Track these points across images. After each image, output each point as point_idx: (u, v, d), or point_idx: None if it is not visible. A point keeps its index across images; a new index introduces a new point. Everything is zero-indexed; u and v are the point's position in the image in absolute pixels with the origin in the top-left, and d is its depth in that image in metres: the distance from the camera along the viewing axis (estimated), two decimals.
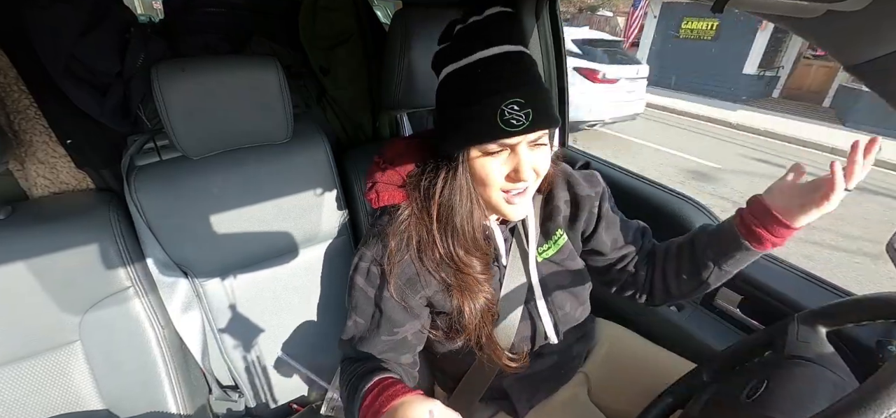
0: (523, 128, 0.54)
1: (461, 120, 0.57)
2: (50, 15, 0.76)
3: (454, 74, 0.59)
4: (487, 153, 0.58)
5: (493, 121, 0.54)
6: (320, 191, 0.97)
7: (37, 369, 0.76)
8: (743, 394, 0.53)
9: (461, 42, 0.59)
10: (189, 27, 1.06)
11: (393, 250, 0.65)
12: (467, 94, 0.57)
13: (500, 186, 0.61)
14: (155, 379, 0.85)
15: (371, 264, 0.67)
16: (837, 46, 0.49)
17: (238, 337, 0.96)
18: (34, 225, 0.74)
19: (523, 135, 0.55)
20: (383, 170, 0.70)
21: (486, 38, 0.56)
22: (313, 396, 1.13)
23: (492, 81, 0.55)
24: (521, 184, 0.60)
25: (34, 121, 0.82)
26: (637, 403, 0.74)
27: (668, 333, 0.99)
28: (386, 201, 0.68)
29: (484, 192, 0.62)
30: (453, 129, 0.59)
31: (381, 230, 0.67)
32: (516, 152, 0.58)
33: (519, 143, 0.57)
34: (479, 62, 0.56)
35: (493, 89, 0.55)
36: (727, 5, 0.51)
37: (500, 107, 0.54)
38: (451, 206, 0.63)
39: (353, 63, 1.16)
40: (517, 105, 0.54)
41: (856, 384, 0.54)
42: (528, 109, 0.54)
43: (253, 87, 0.81)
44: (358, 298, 0.69)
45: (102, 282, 0.78)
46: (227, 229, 0.89)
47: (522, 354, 0.75)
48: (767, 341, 0.64)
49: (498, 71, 0.56)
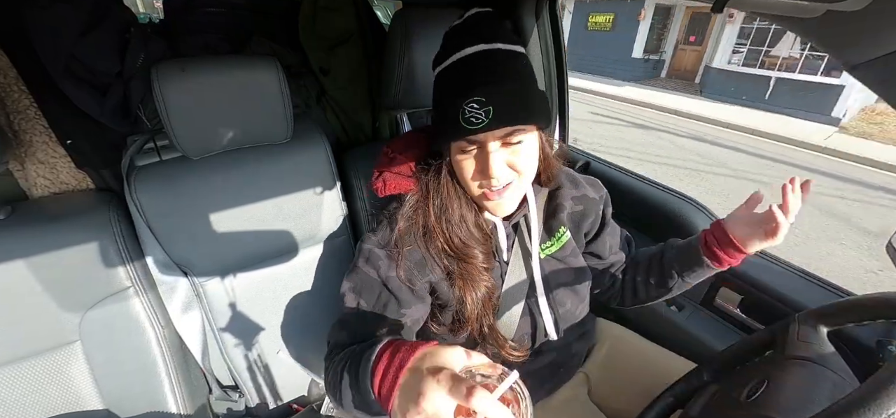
0: (483, 125, 0.55)
1: (438, 119, 0.62)
2: (50, 15, 0.76)
3: (438, 76, 0.63)
4: (462, 151, 0.61)
5: (457, 121, 0.56)
6: (320, 191, 0.97)
7: (37, 369, 0.76)
8: (743, 394, 0.53)
9: (446, 43, 0.62)
10: (189, 27, 1.06)
11: (402, 232, 0.67)
12: (441, 94, 0.61)
13: (477, 185, 0.63)
14: (155, 379, 0.85)
15: (376, 247, 0.68)
16: (837, 46, 0.49)
17: (238, 336, 0.96)
18: (34, 225, 0.74)
19: (484, 132, 0.56)
20: (392, 159, 0.72)
21: (465, 38, 0.59)
22: (313, 396, 1.13)
23: (458, 81, 0.58)
24: (492, 181, 0.61)
25: (34, 122, 0.82)
26: (637, 403, 0.74)
27: (668, 333, 0.99)
28: (392, 190, 0.70)
29: (467, 189, 0.66)
30: (434, 129, 0.64)
31: (390, 215, 0.69)
32: (485, 149, 0.59)
33: (486, 141, 0.58)
34: (456, 63, 0.59)
35: (456, 89, 0.57)
36: (727, 6, 0.51)
37: (462, 107, 0.56)
38: (443, 203, 0.66)
39: (353, 63, 1.16)
40: (476, 104, 0.55)
41: (856, 384, 0.54)
42: (488, 107, 0.55)
43: (253, 87, 0.81)
44: (363, 281, 0.67)
45: (102, 282, 0.78)
46: (227, 229, 0.89)
47: (524, 349, 0.75)
48: (768, 341, 0.64)
49: (467, 71, 0.58)
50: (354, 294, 0.67)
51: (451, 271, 0.69)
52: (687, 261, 0.74)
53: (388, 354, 0.48)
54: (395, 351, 0.47)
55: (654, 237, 1.12)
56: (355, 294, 0.67)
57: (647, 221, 1.13)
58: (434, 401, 0.38)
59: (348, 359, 0.56)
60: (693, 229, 1.03)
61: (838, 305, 0.60)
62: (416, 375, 0.42)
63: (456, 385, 0.38)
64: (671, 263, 0.77)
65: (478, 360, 0.43)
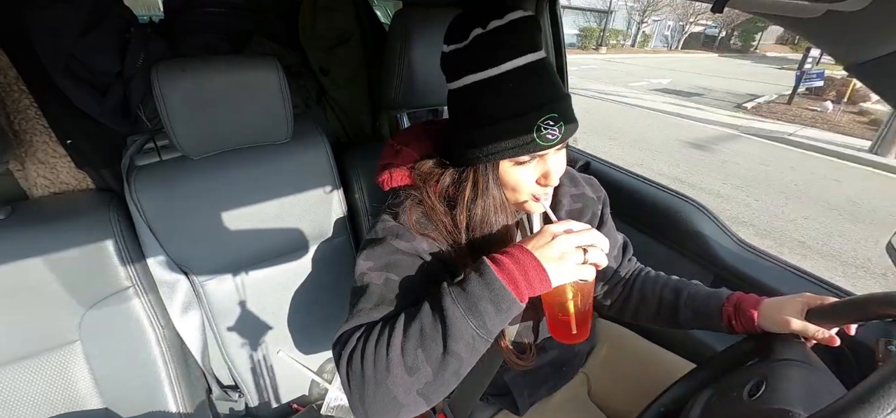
0: (557, 141, 0.55)
1: (493, 134, 0.56)
2: (50, 15, 0.76)
3: (481, 85, 0.56)
4: (519, 163, 0.59)
5: (530, 138, 0.55)
6: (320, 191, 0.97)
7: (37, 369, 0.76)
8: (743, 394, 0.53)
9: (486, 50, 0.56)
10: (189, 27, 1.06)
11: (415, 221, 0.63)
12: (501, 108, 0.56)
13: (531, 192, 0.62)
14: (155, 379, 0.85)
15: (397, 225, 0.64)
16: (837, 46, 0.49)
17: (238, 336, 0.96)
18: (34, 225, 0.74)
19: (556, 146, 0.57)
20: (398, 152, 0.70)
21: (512, 45, 0.55)
22: (314, 396, 1.13)
23: (527, 97, 0.55)
24: (549, 188, 0.62)
25: (34, 122, 0.82)
26: (637, 403, 0.74)
27: (668, 333, 0.99)
28: (397, 183, 0.68)
29: (513, 196, 0.64)
30: (483, 143, 0.57)
31: (397, 205, 0.66)
32: (546, 159, 0.59)
33: (549, 153, 0.59)
34: (511, 74, 0.55)
35: (529, 105, 0.54)
36: (727, 5, 0.51)
37: (537, 124, 0.54)
38: (485, 218, 0.63)
39: (353, 63, 1.16)
40: (552, 120, 0.54)
41: (839, 385, 0.54)
42: (561, 123, 0.55)
43: (253, 87, 0.81)
44: (389, 254, 0.61)
45: (102, 282, 0.78)
46: (227, 229, 0.89)
47: (528, 349, 0.75)
48: (768, 341, 0.64)
49: (532, 85, 0.55)
50: (380, 271, 0.58)
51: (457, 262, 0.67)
52: (703, 322, 0.74)
53: (508, 259, 0.50)
54: (509, 255, 0.51)
55: (654, 237, 1.12)
56: (381, 270, 0.58)
57: (647, 221, 1.13)
58: (559, 237, 0.51)
59: (414, 316, 0.50)
60: (693, 229, 1.03)
61: (838, 305, 0.60)
62: (535, 245, 0.51)
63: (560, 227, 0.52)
64: (685, 317, 0.76)
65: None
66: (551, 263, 0.50)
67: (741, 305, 0.69)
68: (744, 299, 0.70)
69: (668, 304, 0.78)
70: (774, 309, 0.65)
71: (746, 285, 0.92)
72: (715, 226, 1.03)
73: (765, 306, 0.66)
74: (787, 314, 0.63)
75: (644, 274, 0.85)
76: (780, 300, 0.66)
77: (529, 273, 0.49)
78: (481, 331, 0.48)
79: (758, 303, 0.68)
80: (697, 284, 0.79)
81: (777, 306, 0.65)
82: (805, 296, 0.64)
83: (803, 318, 0.62)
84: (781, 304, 0.65)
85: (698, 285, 0.78)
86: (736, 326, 0.69)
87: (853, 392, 0.37)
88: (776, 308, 0.65)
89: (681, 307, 0.76)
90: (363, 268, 0.60)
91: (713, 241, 1.00)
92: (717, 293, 0.74)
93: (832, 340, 0.61)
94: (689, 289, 0.77)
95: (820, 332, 0.61)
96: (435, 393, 0.49)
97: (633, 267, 0.87)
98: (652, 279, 0.83)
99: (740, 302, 0.69)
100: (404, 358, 0.47)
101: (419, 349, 0.48)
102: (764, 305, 0.67)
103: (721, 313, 0.71)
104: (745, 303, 0.69)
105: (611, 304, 0.88)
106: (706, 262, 1.01)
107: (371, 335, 0.50)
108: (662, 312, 0.79)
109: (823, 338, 0.61)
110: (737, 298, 0.70)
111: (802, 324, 0.61)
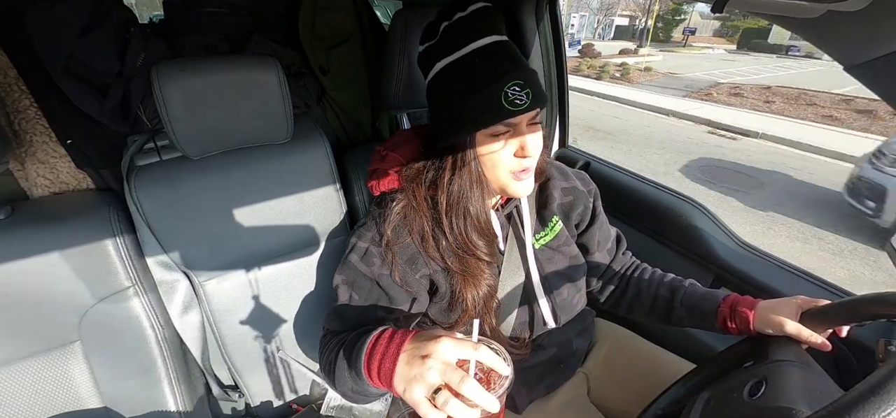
0: (525, 106, 0.58)
1: (466, 108, 0.60)
2: (50, 15, 0.76)
3: (449, 68, 0.61)
4: (494, 136, 0.61)
5: (499, 103, 0.57)
6: (320, 191, 0.97)
7: (37, 369, 0.76)
8: (744, 394, 0.53)
9: (453, 37, 0.61)
10: (189, 27, 1.05)
11: (393, 231, 0.68)
12: (469, 82, 0.60)
13: (508, 167, 0.63)
14: (155, 379, 0.85)
15: (370, 244, 0.68)
16: (837, 46, 0.49)
17: (238, 336, 0.96)
18: (34, 225, 0.74)
19: (526, 112, 0.59)
20: (384, 157, 0.73)
21: (476, 29, 0.60)
22: (314, 396, 1.13)
23: (493, 66, 0.59)
24: (528, 160, 0.63)
25: (34, 122, 0.82)
26: (637, 403, 0.74)
27: (668, 333, 0.99)
28: (386, 188, 0.71)
29: (492, 174, 0.65)
30: (458, 119, 0.61)
31: (381, 213, 0.69)
32: (519, 130, 0.62)
33: (521, 122, 0.61)
34: (476, 52, 0.59)
35: (495, 73, 0.58)
36: (727, 5, 0.51)
37: (504, 89, 0.57)
38: (462, 193, 0.65)
39: (353, 63, 1.16)
40: (518, 86, 0.57)
41: (834, 386, 0.54)
42: (527, 89, 0.58)
43: (253, 87, 0.81)
44: (354, 276, 0.68)
45: (102, 282, 0.78)
46: (227, 229, 0.89)
47: (524, 341, 0.76)
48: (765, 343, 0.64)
49: (494, 58, 0.59)
50: (347, 287, 0.68)
51: (448, 266, 0.69)
52: (697, 321, 0.75)
53: (387, 336, 0.51)
54: (393, 334, 0.51)
55: (654, 237, 1.12)
56: (347, 287, 0.68)
57: (647, 221, 1.13)
58: (440, 351, 0.44)
59: (342, 345, 0.59)
60: (692, 229, 1.03)
61: (838, 305, 0.60)
62: (417, 343, 0.48)
63: (458, 340, 0.45)
64: (679, 315, 0.77)
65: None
66: (403, 371, 0.46)
67: (737, 307, 0.69)
68: (740, 301, 0.70)
69: (663, 301, 0.79)
70: (769, 311, 0.66)
71: (745, 284, 0.92)
72: (714, 225, 1.03)
73: (760, 308, 0.67)
74: (781, 316, 0.63)
75: (640, 270, 0.86)
76: (775, 302, 0.66)
77: (384, 364, 0.49)
78: (358, 387, 0.55)
79: (753, 304, 0.68)
80: (694, 283, 0.79)
81: (772, 308, 0.66)
82: (799, 298, 0.65)
83: (798, 321, 0.62)
84: (776, 306, 0.65)
85: (695, 284, 0.79)
86: (730, 327, 0.70)
87: (854, 391, 0.37)
88: (771, 310, 0.65)
89: (675, 305, 0.77)
90: (336, 280, 0.70)
91: (713, 241, 1.00)
92: (713, 293, 0.74)
93: (824, 346, 0.61)
94: (684, 287, 0.78)
95: (812, 337, 0.61)
96: (368, 396, 0.58)
97: (627, 261, 0.88)
98: (648, 275, 0.84)
99: (736, 303, 0.70)
100: (336, 373, 0.59)
101: (341, 372, 0.57)
102: (759, 307, 0.67)
103: (716, 313, 0.72)
104: (740, 304, 0.69)
105: (606, 298, 0.89)
106: (705, 262, 1.01)
107: (328, 345, 0.64)
108: (657, 309, 0.80)
109: (815, 344, 0.61)
110: (733, 300, 0.71)
111: (796, 327, 0.62)
